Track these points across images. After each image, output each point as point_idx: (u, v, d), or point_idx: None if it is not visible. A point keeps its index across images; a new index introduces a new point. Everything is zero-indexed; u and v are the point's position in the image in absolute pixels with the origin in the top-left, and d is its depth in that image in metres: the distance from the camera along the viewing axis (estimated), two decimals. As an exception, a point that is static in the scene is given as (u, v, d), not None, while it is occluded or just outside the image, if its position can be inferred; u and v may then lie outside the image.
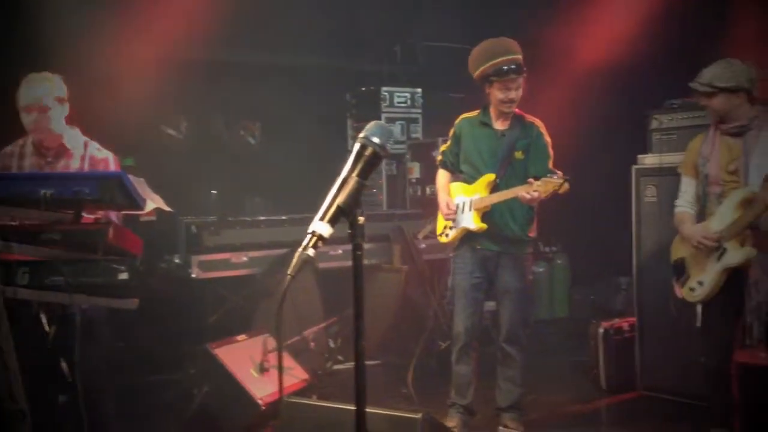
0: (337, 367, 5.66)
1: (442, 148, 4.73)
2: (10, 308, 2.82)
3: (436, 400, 4.75)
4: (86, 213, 3.35)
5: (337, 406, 3.25)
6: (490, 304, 4.98)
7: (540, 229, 4.58)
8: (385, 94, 7.04)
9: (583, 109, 6.95)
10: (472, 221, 4.38)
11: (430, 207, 6.30)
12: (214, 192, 5.86)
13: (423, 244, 6.20)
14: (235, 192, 6.25)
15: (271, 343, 4.84)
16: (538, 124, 4.46)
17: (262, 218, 5.75)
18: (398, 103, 7.11)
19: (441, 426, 3.60)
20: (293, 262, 1.89)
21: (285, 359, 4.91)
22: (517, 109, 4.45)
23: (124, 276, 3.14)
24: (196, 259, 5.30)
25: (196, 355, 4.80)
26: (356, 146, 2.03)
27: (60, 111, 3.76)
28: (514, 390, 4.49)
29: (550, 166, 4.36)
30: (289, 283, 1.88)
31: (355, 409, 1.98)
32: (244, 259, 5.48)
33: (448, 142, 4.66)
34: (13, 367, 2.65)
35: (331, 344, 5.64)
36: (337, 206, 1.91)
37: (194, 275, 5.29)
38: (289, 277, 1.88)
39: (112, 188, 3.14)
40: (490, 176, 4.36)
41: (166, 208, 3.55)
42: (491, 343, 4.73)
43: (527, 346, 4.56)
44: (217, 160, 6.38)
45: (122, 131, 5.07)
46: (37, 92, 3.70)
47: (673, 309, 3.96)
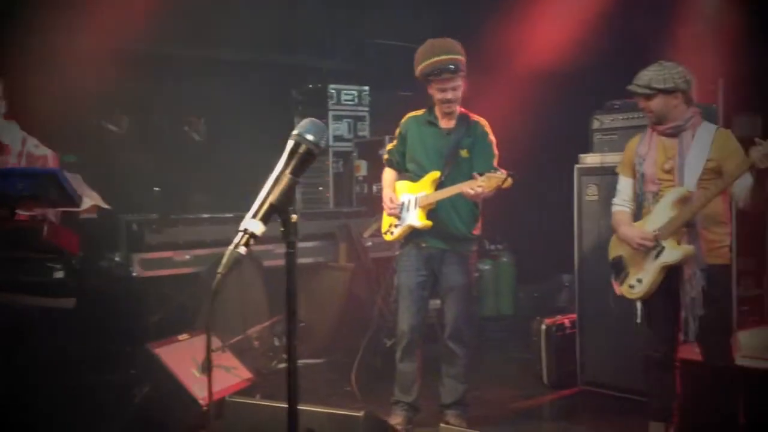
0: (282, 365, 5.62)
1: (389, 146, 4.74)
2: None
3: (380, 398, 4.75)
4: (22, 210, 3.27)
5: (280, 405, 3.21)
6: (435, 302, 5.00)
7: (486, 228, 4.61)
8: (332, 91, 7.02)
9: (528, 109, 7.04)
10: (417, 219, 4.40)
11: (377, 205, 6.30)
12: (157, 189, 5.76)
13: (369, 242, 6.21)
14: (179, 189, 6.16)
15: (214, 343, 4.79)
16: (483, 123, 4.50)
17: (206, 216, 5.69)
18: (345, 100, 7.10)
19: (383, 423, 3.61)
20: (224, 260, 1.86)
21: (228, 358, 4.86)
22: (462, 108, 4.48)
23: (60, 274, 3.08)
24: (138, 257, 5.22)
25: (137, 355, 4.72)
26: (289, 143, 2.01)
27: (-5, 107, 3.66)
28: (458, 387, 4.52)
29: (495, 164, 4.40)
30: (219, 281, 1.85)
31: (288, 407, 1.95)
32: (187, 258, 5.42)
33: (395, 141, 4.67)
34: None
35: (276, 342, 5.60)
36: (270, 204, 1.89)
37: (135, 274, 5.20)
38: (219, 275, 1.85)
39: (48, 185, 3.07)
40: (435, 174, 4.38)
41: (104, 205, 3.49)
42: (436, 341, 4.75)
43: (471, 344, 4.60)
44: (160, 157, 6.28)
45: (63, 127, 4.96)
46: None
47: (612, 306, 4.03)
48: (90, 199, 3.35)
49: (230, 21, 6.29)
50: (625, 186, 3.93)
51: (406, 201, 4.47)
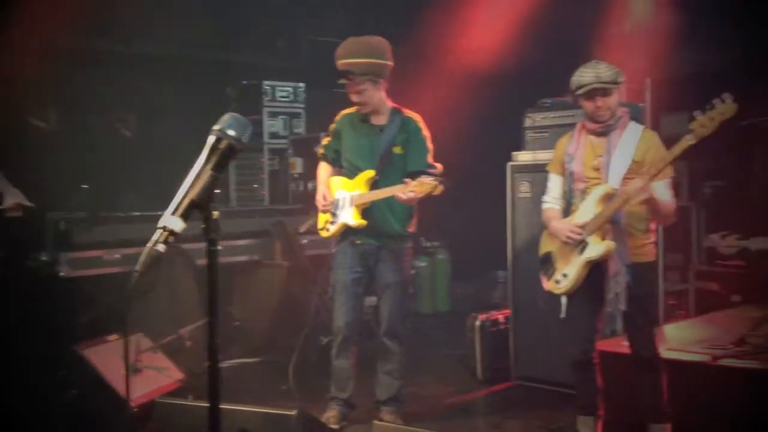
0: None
1: (324, 141, 4.72)
2: None
3: (317, 396, 4.74)
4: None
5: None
6: (371, 299, 5.01)
7: (422, 225, 4.63)
8: (267, 87, 6.96)
9: (463, 107, 7.11)
10: (352, 217, 4.40)
11: (313, 202, 6.28)
12: (85, 186, 5.62)
13: (305, 240, 6.18)
14: (109, 187, 6.03)
15: (145, 343, 4.72)
16: (417, 118, 4.51)
17: (136, 214, 5.56)
18: (280, 97, 7.04)
19: (316, 421, 3.60)
20: (141, 258, 1.82)
21: (159, 359, 4.79)
22: (395, 104, 4.50)
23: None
24: (65, 256, 5.08)
25: (65, 357, 4.60)
26: (210, 139, 1.98)
27: None
28: (393, 383, 4.54)
29: (430, 159, 4.43)
30: (137, 280, 1.81)
31: (209, 407, 1.92)
32: (117, 257, 5.30)
33: (329, 137, 4.66)
34: None
35: (211, 342, 5.51)
36: (190, 200, 1.86)
37: (63, 273, 5.07)
38: (136, 273, 1.81)
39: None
40: (370, 173, 4.39)
41: (26, 203, 3.39)
42: (373, 338, 4.76)
43: (407, 340, 4.63)
44: (90, 154, 6.13)
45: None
46: None
47: (541, 301, 4.09)
48: (12, 197, 3.25)
49: (163, 16, 6.17)
50: (555, 183, 3.99)
51: (341, 198, 4.47)
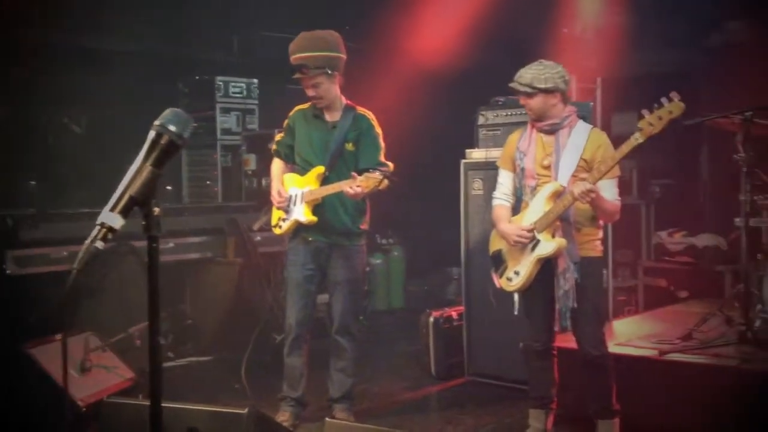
0: (167, 364, 5.51)
1: (277, 137, 4.70)
2: None
3: (271, 394, 4.71)
4: None
5: (163, 405, 3.13)
6: (324, 296, 5.00)
7: (377, 222, 4.63)
8: (220, 83, 6.90)
9: (417, 104, 7.13)
10: (303, 214, 4.38)
11: (267, 199, 6.24)
12: (33, 183, 5.51)
13: (258, 237, 6.13)
14: (58, 183, 5.91)
15: (94, 342, 4.64)
16: (370, 116, 4.51)
17: (85, 210, 5.46)
18: (233, 93, 6.98)
19: (268, 419, 3.58)
20: (79, 255, 1.79)
21: (109, 358, 4.71)
22: (348, 101, 4.49)
23: None
24: (11, 254, 4.96)
25: (11, 357, 4.50)
26: (151, 134, 1.95)
27: None
28: (346, 381, 4.54)
29: (382, 157, 4.43)
30: (74, 277, 1.78)
31: (150, 405, 1.90)
32: (65, 254, 5.19)
33: (282, 133, 4.64)
34: None
35: (161, 341, 5.45)
36: (130, 196, 1.83)
37: (9, 271, 4.95)
38: (74, 271, 1.77)
39: None
40: (320, 169, 4.38)
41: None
42: (326, 335, 4.74)
43: (359, 338, 4.63)
44: (38, 150, 6.00)
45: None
46: None
47: (493, 298, 4.12)
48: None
49: (114, 10, 6.07)
50: (506, 180, 4.02)
51: (293, 195, 4.45)
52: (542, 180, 3.80)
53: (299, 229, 4.46)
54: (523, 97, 3.82)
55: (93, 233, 1.80)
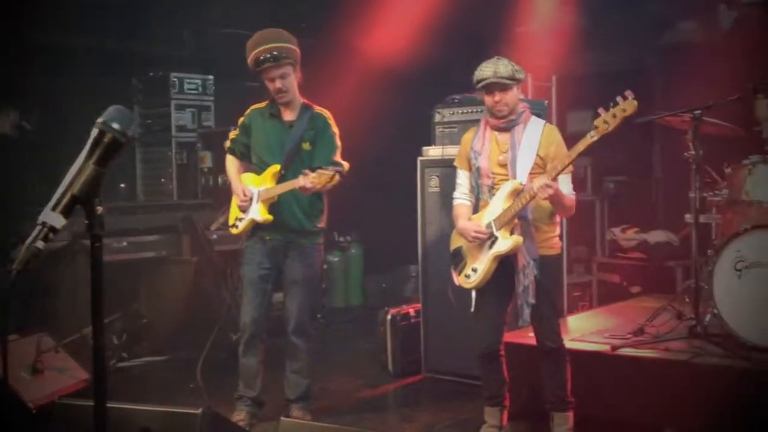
0: (122, 364, 5.44)
1: (231, 135, 4.66)
2: None
3: (227, 394, 4.67)
4: None
5: (115, 406, 3.10)
6: (281, 295, 4.97)
7: (335, 219, 4.62)
8: (175, 79, 6.81)
9: (375, 102, 7.13)
10: (259, 213, 4.36)
11: (223, 197, 6.18)
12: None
13: (215, 235, 6.08)
14: (6, 181, 5.78)
15: (46, 343, 4.55)
16: (326, 114, 4.50)
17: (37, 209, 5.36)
18: (189, 89, 6.89)
19: (223, 419, 3.53)
20: (20, 255, 1.75)
21: (62, 359, 4.63)
22: (305, 100, 4.48)
23: None
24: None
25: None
26: (94, 132, 1.93)
27: None
28: (302, 382, 4.53)
29: (338, 157, 4.42)
30: (14, 278, 1.74)
31: (94, 407, 1.87)
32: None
33: (237, 131, 4.60)
34: None
35: (115, 341, 5.39)
36: (72, 195, 1.80)
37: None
38: (14, 271, 1.74)
39: None
40: (276, 167, 4.36)
41: None
42: (284, 333, 4.72)
43: (315, 337, 4.61)
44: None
45: None
46: None
47: (451, 295, 4.14)
48: None
49: (67, 4, 5.95)
50: (463, 179, 4.04)
51: (251, 194, 4.42)
52: (498, 178, 3.83)
53: (256, 228, 4.44)
54: (498, 92, 3.75)
55: (34, 233, 1.77)
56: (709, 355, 4.07)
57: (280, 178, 4.34)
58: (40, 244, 1.76)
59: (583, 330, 4.77)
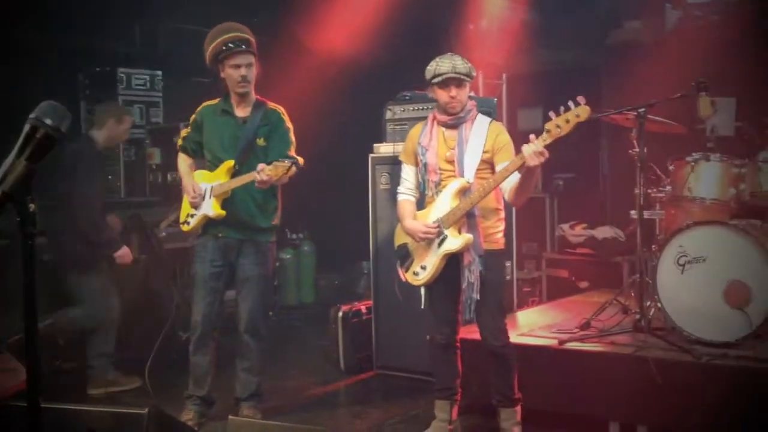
0: (68, 364, 5.34)
1: (183, 132, 4.62)
2: None
3: (176, 394, 4.62)
4: None
5: (60, 407, 3.05)
6: (233, 293, 4.93)
7: (287, 216, 4.60)
8: (122, 75, 6.71)
9: (327, 99, 7.12)
10: (212, 208, 4.32)
11: (172, 194, 6.11)
12: None
13: (163, 233, 6.00)
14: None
15: (-12, 344, 4.45)
16: (281, 110, 4.48)
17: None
18: (137, 85, 6.80)
19: (170, 419, 3.49)
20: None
21: (5, 360, 4.52)
22: (259, 96, 4.45)
23: None
24: None
25: None
26: (26, 128, 1.89)
27: None
28: (252, 380, 4.50)
29: (292, 152, 4.40)
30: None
31: (27, 408, 1.84)
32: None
33: (189, 128, 4.55)
34: None
35: (60, 342, 5.29)
36: (3, 192, 1.76)
37: None
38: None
39: None
40: (230, 163, 4.33)
41: None
42: (235, 332, 4.69)
43: (266, 336, 4.58)
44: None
45: None
46: None
47: (398, 292, 4.15)
48: None
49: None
50: (409, 174, 4.05)
51: (203, 190, 4.38)
52: (445, 175, 3.84)
53: (209, 224, 4.39)
54: (454, 88, 3.76)
55: None
56: (652, 348, 4.14)
57: (235, 174, 4.31)
58: None
59: (532, 325, 4.83)
